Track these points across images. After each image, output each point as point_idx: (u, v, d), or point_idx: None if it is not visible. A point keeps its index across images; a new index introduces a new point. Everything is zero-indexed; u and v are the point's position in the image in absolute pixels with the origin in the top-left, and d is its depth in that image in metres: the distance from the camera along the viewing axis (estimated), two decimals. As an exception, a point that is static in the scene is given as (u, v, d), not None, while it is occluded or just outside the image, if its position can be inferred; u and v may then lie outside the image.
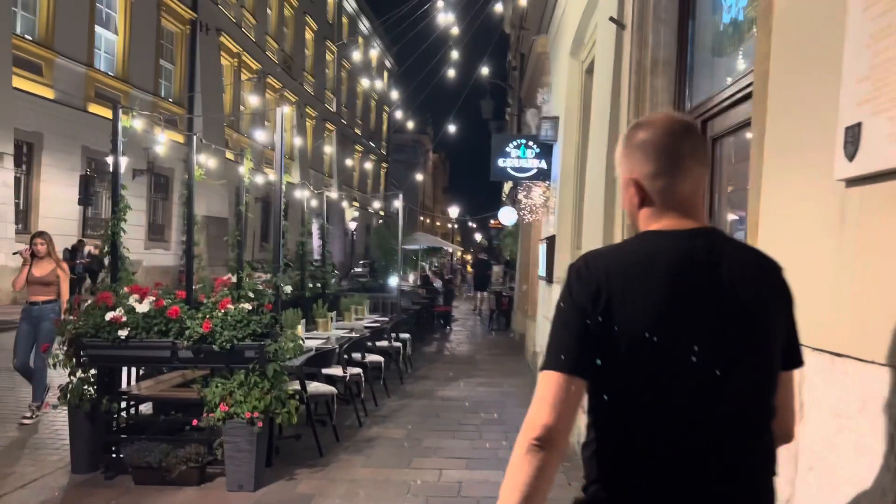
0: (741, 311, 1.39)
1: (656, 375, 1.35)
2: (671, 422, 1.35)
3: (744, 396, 1.38)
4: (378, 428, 6.52)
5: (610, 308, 1.36)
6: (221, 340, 4.62)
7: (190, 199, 6.20)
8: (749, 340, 1.38)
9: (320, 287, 10.52)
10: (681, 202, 1.47)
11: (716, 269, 1.40)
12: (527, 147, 9.38)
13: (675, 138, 1.48)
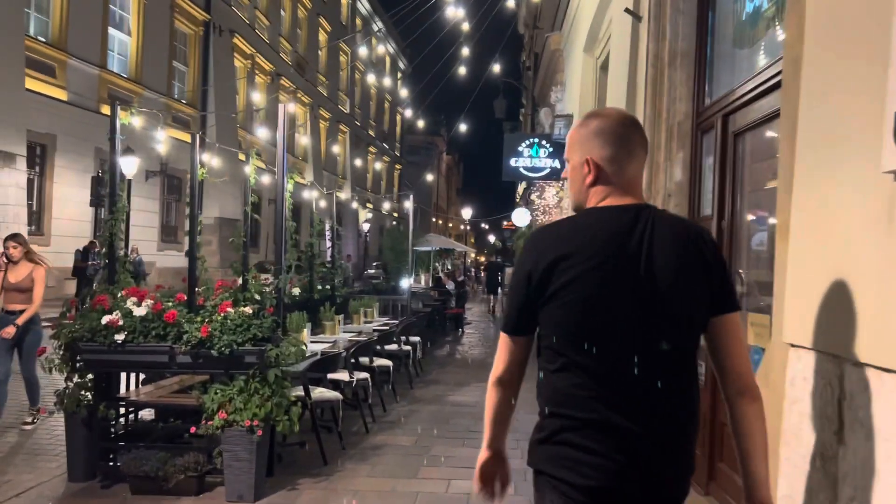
0: (660, 266, 1.65)
1: (585, 318, 1.65)
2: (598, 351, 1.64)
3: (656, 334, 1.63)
4: (385, 435, 6.33)
5: (546, 275, 1.67)
6: (220, 345, 4.45)
7: (193, 200, 6.05)
8: (663, 292, 1.64)
9: (329, 289, 10.38)
10: (627, 182, 1.76)
11: (641, 235, 1.67)
12: (539, 146, 9.17)
13: (629, 129, 1.78)
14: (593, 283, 1.64)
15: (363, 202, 44.76)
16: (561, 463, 1.68)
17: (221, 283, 5.15)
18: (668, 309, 1.64)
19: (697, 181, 4.52)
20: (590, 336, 1.64)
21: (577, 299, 1.65)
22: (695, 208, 4.52)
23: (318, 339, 6.94)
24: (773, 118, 3.51)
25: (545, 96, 13.07)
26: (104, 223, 5.07)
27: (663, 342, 1.63)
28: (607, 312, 1.64)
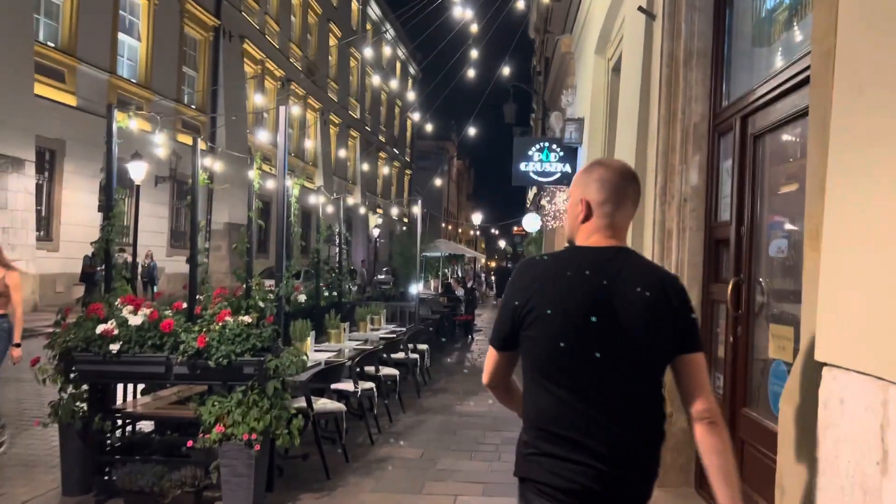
0: (628, 305, 1.84)
1: (559, 348, 1.85)
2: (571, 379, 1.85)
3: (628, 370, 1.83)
4: (391, 447, 6.16)
5: (530, 301, 1.89)
6: (217, 356, 4.29)
7: (194, 204, 5.92)
8: (631, 326, 1.83)
9: (336, 296, 10.22)
10: (613, 226, 1.96)
11: (612, 274, 1.88)
12: (550, 151, 8.99)
13: (626, 181, 1.98)
14: (566, 313, 1.87)
15: (373, 208, 44.68)
16: (545, 470, 1.91)
17: (220, 290, 4.99)
18: (632, 347, 1.85)
19: (715, 185, 4.33)
20: (558, 370, 1.88)
21: (550, 324, 1.87)
22: (712, 213, 4.33)
23: (323, 348, 6.78)
24: (795, 119, 3.33)
25: (556, 100, 12.90)
26: (101, 229, 4.93)
27: (628, 377, 1.85)
28: (577, 341, 1.85)
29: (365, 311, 8.57)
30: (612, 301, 1.86)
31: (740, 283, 3.78)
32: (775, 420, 3.36)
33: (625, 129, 5.57)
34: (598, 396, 1.85)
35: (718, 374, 4.17)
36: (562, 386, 1.87)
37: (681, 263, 4.43)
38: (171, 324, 4.38)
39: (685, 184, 4.45)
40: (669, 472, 4.37)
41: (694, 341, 1.92)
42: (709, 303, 4.33)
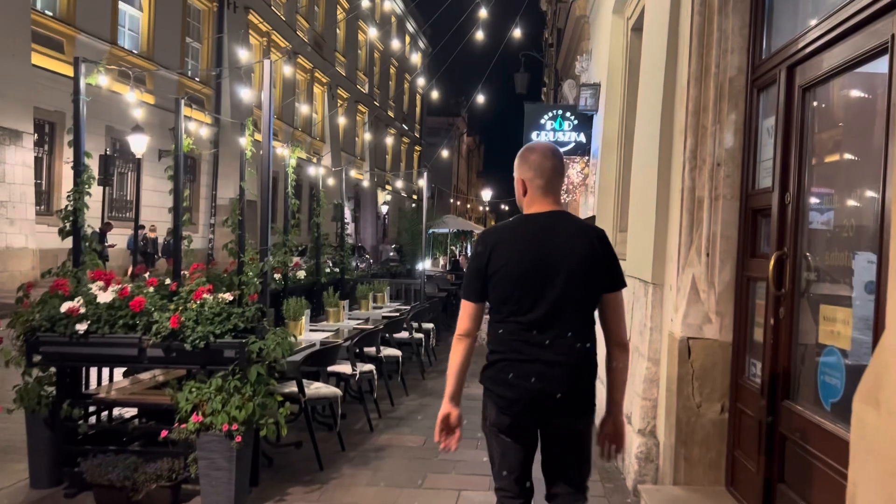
0: (566, 256, 2.49)
1: (513, 291, 2.52)
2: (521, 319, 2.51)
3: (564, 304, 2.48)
4: (391, 433, 5.74)
5: (490, 260, 2.55)
6: (193, 338, 3.86)
7: (177, 172, 5.50)
8: (567, 271, 2.48)
9: (339, 272, 9.79)
10: (546, 195, 2.60)
11: (551, 232, 2.52)
12: (563, 119, 8.46)
13: (548, 160, 2.61)
14: (517, 266, 2.50)
15: (382, 184, 44.15)
16: (499, 383, 2.56)
17: (197, 266, 4.54)
18: (570, 285, 2.47)
19: (752, 148, 3.83)
20: (515, 303, 2.50)
21: (507, 278, 2.51)
22: (749, 180, 3.84)
23: (320, 328, 6.35)
24: (858, 64, 2.82)
25: (569, 69, 12.32)
26: (67, 196, 4.49)
27: (567, 308, 2.47)
28: (527, 285, 2.49)
29: (367, 289, 8.13)
30: (554, 253, 2.49)
31: (784, 257, 3.29)
32: (826, 415, 2.90)
33: (648, 89, 5.06)
34: (545, 326, 2.47)
35: (754, 361, 3.71)
36: (517, 320, 2.50)
37: (712, 236, 3.95)
38: (142, 302, 3.95)
39: (719, 146, 3.95)
40: (696, 467, 3.93)
41: (618, 282, 2.57)
42: (743, 280, 3.85)
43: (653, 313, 4.47)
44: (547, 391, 2.47)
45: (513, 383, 2.51)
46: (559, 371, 2.46)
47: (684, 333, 3.96)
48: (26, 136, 16.51)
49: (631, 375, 4.83)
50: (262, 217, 4.50)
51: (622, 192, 6.99)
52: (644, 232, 4.81)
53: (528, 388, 2.48)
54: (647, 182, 4.81)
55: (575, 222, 2.61)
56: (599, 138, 7.71)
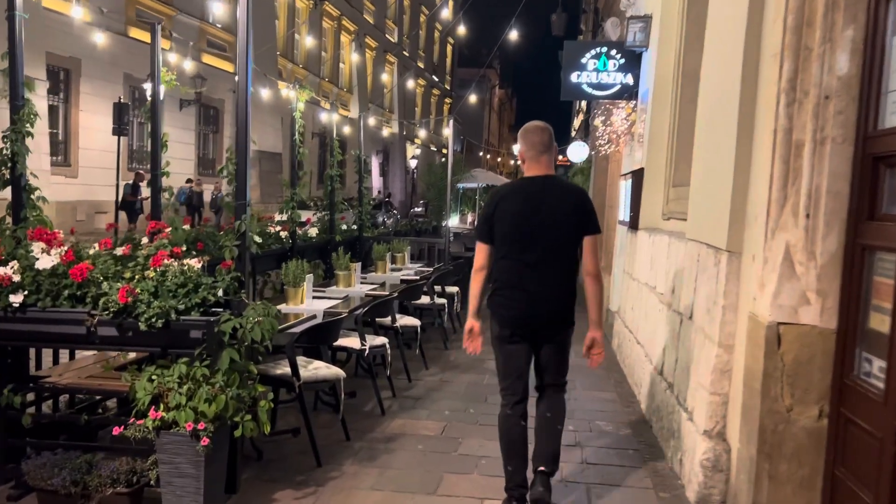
0: (552, 210, 3.39)
1: (512, 235, 3.40)
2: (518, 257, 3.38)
3: (551, 246, 3.38)
4: (405, 418, 4.98)
5: (496, 210, 3.44)
6: (149, 315, 3.09)
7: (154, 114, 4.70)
8: (554, 220, 3.37)
9: (357, 230, 9.00)
10: (539, 164, 3.49)
11: (544, 191, 3.42)
12: (608, 57, 7.43)
13: (539, 136, 3.51)
14: (515, 216, 3.42)
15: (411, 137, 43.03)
16: (500, 305, 3.48)
17: (155, 224, 3.73)
18: (556, 233, 3.39)
19: (876, 74, 2.87)
20: (513, 244, 3.41)
21: (507, 223, 3.43)
22: (869, 118, 2.89)
23: (327, 295, 5.57)
24: None
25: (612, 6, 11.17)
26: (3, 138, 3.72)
27: (553, 249, 3.39)
28: (522, 231, 3.40)
29: (383, 249, 7.28)
30: (544, 206, 3.40)
31: (930, 222, 2.38)
32: None
33: (725, 14, 4.07)
34: (535, 262, 3.38)
35: (868, 356, 2.82)
36: (515, 257, 3.42)
37: (815, 192, 3.02)
38: (85, 269, 3.17)
39: (828, 73, 2.99)
40: (783, 487, 3.09)
41: (593, 228, 3.46)
42: (856, 250, 2.94)
43: (727, 288, 3.58)
44: (536, 311, 3.39)
45: (510, 305, 3.42)
46: (545, 296, 3.38)
47: (773, 317, 3.07)
48: (39, 82, 15.80)
49: (695, 362, 3.98)
50: (237, 159, 3.67)
51: (677, 140, 6.02)
52: (715, 187, 3.89)
53: (522, 309, 3.40)
54: (721, 124, 3.87)
55: (561, 183, 3.59)
56: (650, 79, 6.70)
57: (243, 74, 3.46)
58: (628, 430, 4.91)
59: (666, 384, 4.66)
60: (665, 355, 4.81)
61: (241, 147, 3.52)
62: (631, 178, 7.01)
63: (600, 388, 5.97)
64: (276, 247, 6.64)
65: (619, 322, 7.38)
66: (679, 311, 4.52)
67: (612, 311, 8.53)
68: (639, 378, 5.71)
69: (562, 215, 3.38)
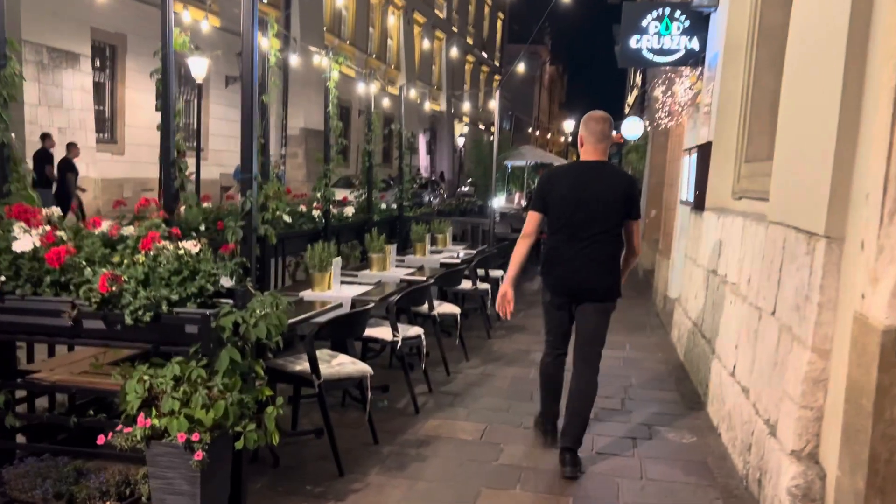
0: (602, 193, 3.74)
1: (565, 213, 3.76)
2: (569, 232, 3.75)
3: (599, 225, 3.72)
4: (441, 418, 4.50)
5: (550, 190, 3.84)
6: (135, 307, 2.65)
7: (166, 81, 4.27)
8: (603, 203, 3.72)
9: (396, 209, 8.52)
10: (595, 150, 3.83)
11: (595, 175, 3.79)
12: (671, 20, 6.73)
13: (599, 125, 3.84)
14: (569, 195, 3.77)
15: (459, 115, 42.33)
16: (550, 274, 3.89)
17: (146, 200, 3.27)
18: (604, 213, 3.73)
19: None
20: (565, 220, 3.78)
21: (561, 201, 3.78)
22: None
23: (358, 280, 5.10)
24: None
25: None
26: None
27: (599, 226, 3.73)
28: (574, 209, 3.74)
29: (423, 230, 6.77)
30: (594, 188, 3.75)
31: None
32: None
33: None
34: (584, 238, 3.73)
35: None
36: (566, 233, 3.77)
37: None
38: (63, 253, 2.74)
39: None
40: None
41: (635, 214, 3.86)
42: None
43: (823, 282, 2.96)
44: (581, 281, 3.78)
45: (559, 275, 3.83)
46: (591, 269, 3.75)
47: (892, 320, 2.46)
48: (84, 58, 15.77)
49: (779, 366, 3.38)
50: (242, 128, 3.19)
51: (750, 109, 5.33)
52: (809, 160, 3.26)
53: (569, 278, 3.80)
54: (817, 84, 3.23)
55: (613, 169, 4.04)
56: (720, 42, 6.00)
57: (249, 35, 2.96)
58: (693, 437, 4.33)
59: (739, 388, 4.06)
60: (738, 355, 4.20)
61: (246, 115, 3.05)
62: (696, 154, 6.33)
63: (660, 387, 5.39)
64: (307, 227, 6.21)
65: (679, 311, 6.74)
66: (757, 305, 3.90)
67: (670, 299, 7.89)
68: (704, 377, 5.10)
69: (610, 199, 3.76)
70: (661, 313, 8.22)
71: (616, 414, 4.72)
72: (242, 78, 3.16)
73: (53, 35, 14.89)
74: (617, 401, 4.98)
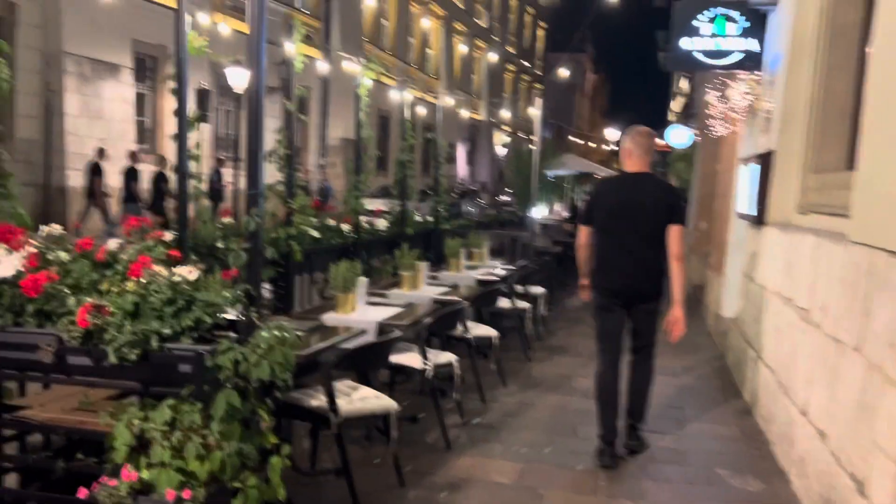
0: (645, 201, 4.05)
1: (612, 222, 4.11)
2: (617, 240, 4.09)
3: (645, 232, 4.04)
4: (474, 455, 4.08)
5: (598, 199, 4.29)
6: (119, 343, 2.32)
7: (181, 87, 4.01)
8: (647, 211, 4.03)
9: (434, 221, 8.17)
10: (640, 162, 4.15)
11: (639, 185, 4.12)
12: (727, 19, 6.23)
13: (645, 139, 4.21)
14: (613, 207, 4.11)
15: (499, 124, 41.90)
16: (600, 280, 4.16)
17: (136, 220, 2.94)
18: (647, 220, 4.03)
19: None
20: (612, 228, 4.10)
21: (606, 215, 4.12)
22: None
23: (384, 301, 4.73)
24: None
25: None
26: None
27: (644, 234, 4.04)
28: (620, 217, 4.06)
29: (457, 245, 6.38)
30: (638, 197, 4.06)
31: None
32: None
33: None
34: (629, 245, 4.04)
35: None
36: (611, 241, 4.10)
37: None
38: (42, 281, 2.42)
39: None
40: None
41: (678, 220, 4.06)
42: None
43: (928, 317, 2.49)
44: (630, 285, 4.10)
45: (609, 279, 4.15)
46: (637, 273, 4.07)
47: None
48: (125, 70, 15.85)
49: (869, 412, 2.90)
50: (249, 139, 2.85)
51: (820, 115, 4.83)
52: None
53: (618, 283, 4.12)
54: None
55: (655, 180, 4.29)
56: (782, 42, 5.50)
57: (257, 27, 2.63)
58: (760, 483, 3.84)
59: (814, 430, 3.57)
60: (811, 392, 3.71)
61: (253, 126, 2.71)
62: (755, 164, 5.82)
63: (718, 420, 4.89)
64: (335, 241, 5.88)
65: (735, 334, 6.21)
66: (836, 337, 3.41)
67: (724, 318, 7.35)
68: (768, 412, 4.60)
69: (654, 207, 4.05)
70: (714, 333, 7.67)
71: (671, 453, 4.25)
72: (248, 86, 2.81)
73: (95, 47, 15.00)
74: (671, 438, 4.50)
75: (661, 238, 4.03)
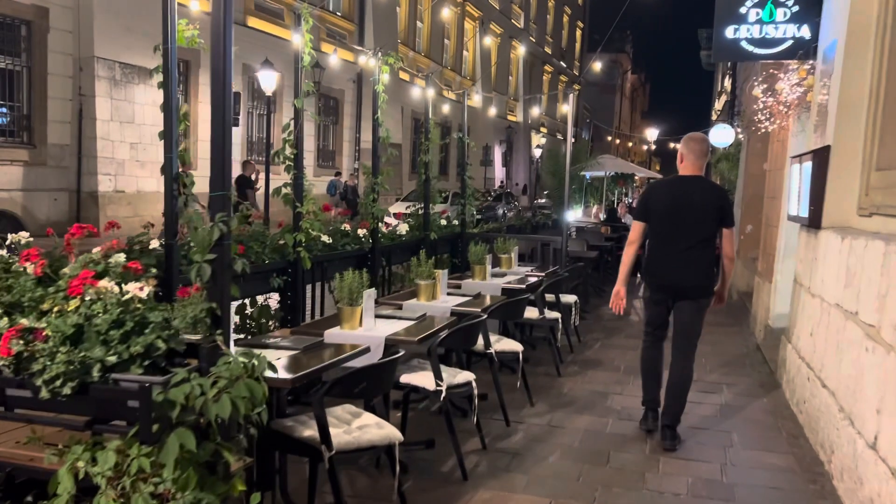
0: (698, 203, 4.30)
1: (665, 221, 4.36)
2: (669, 239, 4.33)
3: (696, 233, 4.27)
4: (494, 489, 3.65)
5: (652, 201, 4.47)
6: (50, 375, 1.96)
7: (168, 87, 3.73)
8: (699, 213, 4.29)
9: (458, 225, 7.76)
10: (694, 166, 4.40)
11: (692, 187, 4.35)
12: (776, 5, 5.71)
13: (699, 146, 4.42)
14: (666, 210, 4.34)
15: (536, 126, 41.29)
16: (652, 275, 4.47)
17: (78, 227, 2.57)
18: (698, 221, 4.26)
19: None
20: (665, 228, 4.35)
21: (659, 215, 4.37)
22: None
23: (396, 314, 4.33)
24: None
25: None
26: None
27: (695, 235, 4.25)
28: (673, 218, 4.30)
29: (481, 251, 5.94)
30: (691, 200, 4.28)
31: None
32: None
33: None
34: (681, 245, 4.26)
35: None
36: (664, 241, 4.34)
37: None
38: (-34, 300, 2.08)
39: None
40: None
41: (729, 222, 4.34)
42: None
43: None
44: (679, 281, 4.34)
45: (660, 275, 4.43)
46: (686, 270, 4.29)
47: None
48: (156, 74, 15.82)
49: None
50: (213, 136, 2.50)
51: (883, 106, 4.30)
52: None
53: (667, 279, 4.39)
54: None
55: (707, 183, 4.62)
56: (839, 27, 4.96)
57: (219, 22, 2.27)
58: (819, 526, 3.35)
59: (886, 469, 3.07)
60: (883, 422, 3.20)
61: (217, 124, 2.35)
62: (809, 161, 5.28)
63: (769, 447, 4.37)
64: (351, 247, 5.52)
65: (788, 348, 5.66)
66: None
67: (774, 329, 6.79)
68: (827, 439, 4.08)
69: (705, 208, 4.28)
70: (763, 347, 7.09)
71: (716, 487, 3.76)
72: (212, 73, 2.48)
73: (126, 51, 14.99)
74: (716, 467, 4.01)
75: (711, 239, 4.31)
